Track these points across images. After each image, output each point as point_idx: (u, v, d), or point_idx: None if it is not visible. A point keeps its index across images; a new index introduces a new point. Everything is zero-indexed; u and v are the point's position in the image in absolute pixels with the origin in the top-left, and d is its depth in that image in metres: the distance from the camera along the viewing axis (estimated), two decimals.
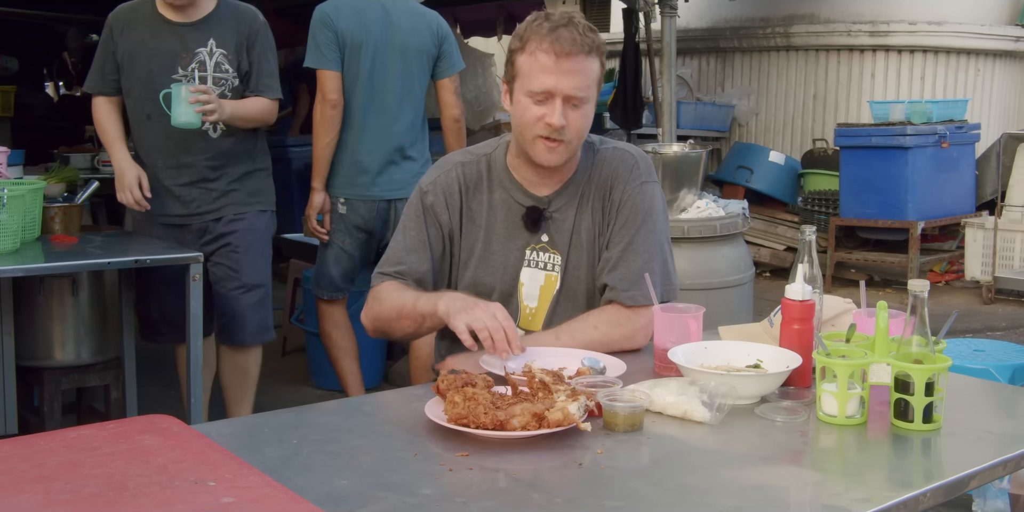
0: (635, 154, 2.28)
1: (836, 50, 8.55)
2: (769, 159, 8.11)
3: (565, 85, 2.06)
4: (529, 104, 2.10)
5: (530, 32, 2.09)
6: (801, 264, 1.94)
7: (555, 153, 2.13)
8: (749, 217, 5.36)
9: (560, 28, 2.06)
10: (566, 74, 2.06)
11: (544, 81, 2.06)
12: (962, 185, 7.21)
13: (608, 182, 2.23)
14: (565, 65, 2.05)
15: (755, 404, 1.81)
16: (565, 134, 2.10)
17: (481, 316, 1.95)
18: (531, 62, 2.07)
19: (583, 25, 2.10)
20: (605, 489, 1.41)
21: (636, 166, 2.25)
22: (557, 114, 2.07)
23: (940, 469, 1.59)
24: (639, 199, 2.21)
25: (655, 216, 2.22)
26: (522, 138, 2.15)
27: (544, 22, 2.08)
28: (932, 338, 1.73)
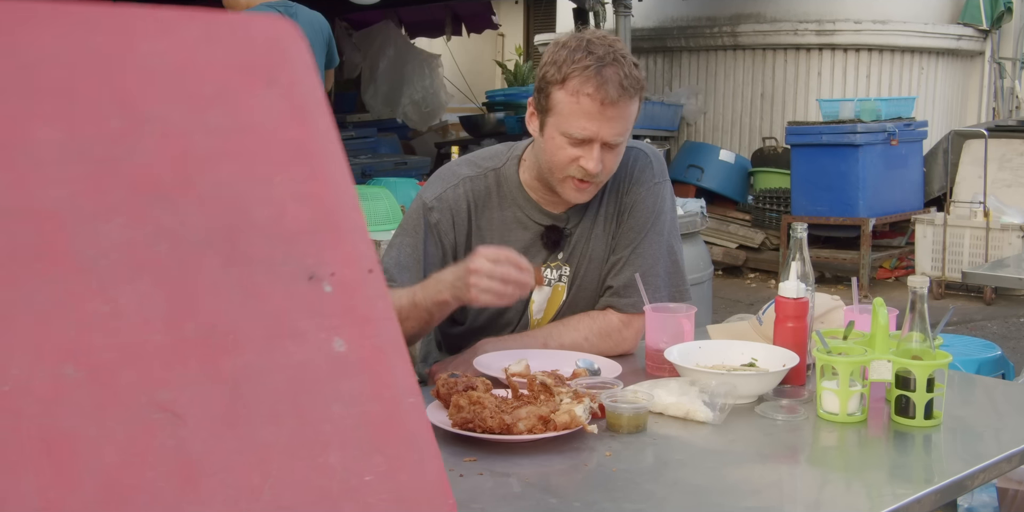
0: (648, 153, 2.19)
1: (783, 49, 8.63)
2: (719, 158, 8.16)
3: (607, 133, 1.94)
4: (564, 144, 1.97)
5: (572, 67, 1.92)
6: (794, 262, 1.94)
7: (584, 193, 2.05)
8: (707, 216, 5.39)
9: (606, 68, 1.91)
10: (609, 121, 1.93)
11: (586, 128, 1.93)
12: (911, 182, 7.32)
13: (622, 184, 2.14)
14: (610, 112, 1.92)
15: (753, 403, 1.80)
16: (598, 176, 2.00)
17: (490, 273, 1.78)
18: (572, 104, 1.93)
19: (628, 62, 1.95)
20: (621, 491, 1.39)
21: (649, 166, 2.16)
22: (595, 161, 1.96)
23: (943, 466, 1.59)
24: (651, 201, 2.13)
25: (663, 217, 2.15)
26: (550, 174, 2.03)
27: (587, 56, 1.92)
28: (930, 333, 1.73)
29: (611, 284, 2.13)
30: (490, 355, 1.96)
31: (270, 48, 0.94)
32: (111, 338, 0.79)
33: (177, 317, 0.83)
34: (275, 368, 0.87)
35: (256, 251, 0.87)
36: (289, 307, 0.88)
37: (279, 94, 0.94)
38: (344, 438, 0.89)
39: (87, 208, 0.80)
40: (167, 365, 0.81)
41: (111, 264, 0.81)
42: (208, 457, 0.82)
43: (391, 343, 0.94)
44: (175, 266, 0.84)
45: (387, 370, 0.92)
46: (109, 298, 0.79)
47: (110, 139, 0.83)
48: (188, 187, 0.86)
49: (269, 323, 0.87)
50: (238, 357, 0.84)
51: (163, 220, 0.84)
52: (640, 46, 9.28)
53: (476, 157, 2.20)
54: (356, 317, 0.92)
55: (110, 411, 0.78)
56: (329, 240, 0.93)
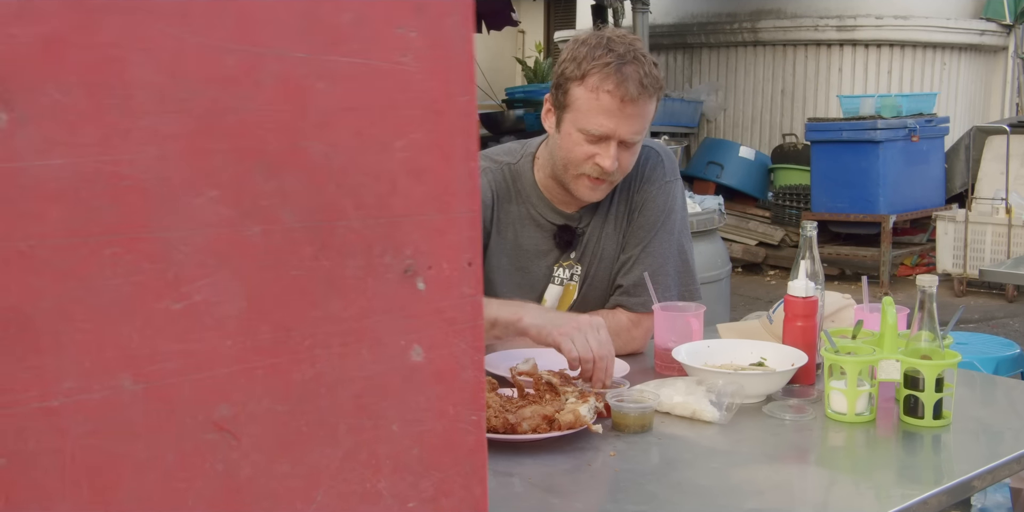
0: (660, 151, 2.19)
1: (803, 45, 8.58)
2: (739, 154, 8.12)
3: (625, 130, 1.94)
4: (581, 140, 1.97)
5: (592, 64, 1.92)
6: (803, 260, 1.92)
7: (597, 191, 2.05)
8: (724, 213, 5.37)
9: (626, 66, 1.91)
10: (628, 118, 1.93)
11: (604, 124, 1.93)
12: (932, 178, 7.26)
13: (633, 183, 2.14)
14: (629, 110, 1.92)
15: (761, 403, 1.79)
16: (613, 174, 2.01)
17: (587, 341, 1.79)
18: (591, 100, 1.93)
19: (648, 62, 1.95)
20: (624, 492, 1.38)
21: (661, 164, 2.15)
22: (611, 159, 1.96)
23: (952, 467, 1.57)
24: (661, 200, 2.13)
25: (674, 216, 2.14)
26: (565, 171, 2.03)
27: (607, 54, 1.92)
28: (940, 333, 1.71)
29: (621, 283, 2.12)
30: (497, 354, 1.96)
31: None
32: (178, 343, 0.70)
33: (254, 319, 0.73)
34: (345, 380, 0.79)
35: (354, 238, 0.78)
36: (375, 307, 0.79)
37: (425, 27, 0.80)
38: (397, 461, 0.83)
39: (177, 177, 0.68)
40: (232, 377, 0.73)
41: (193, 251, 0.70)
42: (255, 483, 0.75)
43: (470, 351, 0.86)
44: (263, 255, 0.73)
45: (458, 384, 0.86)
46: (183, 294, 0.70)
47: (219, 84, 0.70)
48: (296, 153, 0.74)
49: (350, 327, 0.78)
50: (309, 368, 0.77)
51: (262, 196, 0.73)
52: (660, 42, 9.25)
53: (491, 153, 2.21)
54: (442, 320, 0.84)
55: (164, 431, 0.70)
56: (436, 225, 0.83)
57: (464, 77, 0.83)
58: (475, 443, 0.88)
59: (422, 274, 0.82)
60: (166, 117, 0.68)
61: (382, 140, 0.79)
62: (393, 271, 0.80)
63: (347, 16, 0.76)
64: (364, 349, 0.79)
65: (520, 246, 2.13)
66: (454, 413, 0.86)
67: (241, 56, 0.71)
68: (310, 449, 0.78)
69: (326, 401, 0.78)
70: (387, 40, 0.78)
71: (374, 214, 0.79)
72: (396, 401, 0.82)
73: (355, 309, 0.78)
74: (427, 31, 0.80)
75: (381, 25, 0.78)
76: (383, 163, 0.79)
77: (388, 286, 0.80)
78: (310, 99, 0.74)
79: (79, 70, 0.64)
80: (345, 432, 0.79)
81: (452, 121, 0.82)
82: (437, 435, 0.85)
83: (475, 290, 0.86)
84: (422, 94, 0.80)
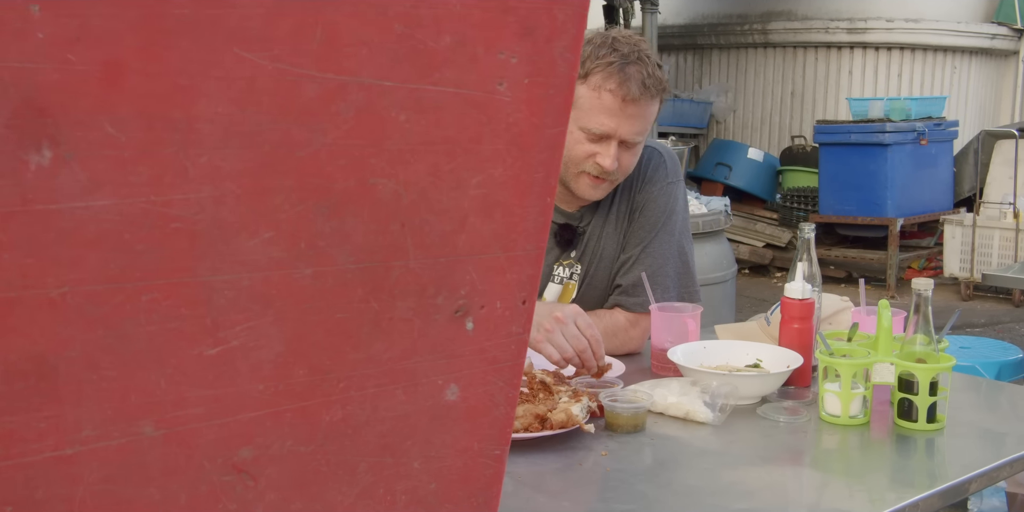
0: (663, 152, 2.19)
1: (814, 47, 8.57)
2: (747, 156, 8.11)
3: (626, 130, 1.95)
4: (582, 139, 1.97)
5: (596, 63, 1.93)
6: (800, 262, 1.92)
7: (598, 190, 2.05)
8: (731, 214, 5.36)
9: (630, 66, 1.92)
10: (629, 118, 1.94)
11: (605, 123, 1.94)
12: (940, 182, 7.24)
13: (635, 183, 2.14)
14: (630, 110, 1.93)
15: (756, 404, 1.78)
16: (613, 174, 2.01)
17: (564, 338, 1.79)
18: (593, 98, 1.93)
19: (652, 63, 1.96)
20: (612, 492, 1.38)
21: (663, 165, 2.15)
22: (611, 158, 1.96)
23: (944, 470, 1.57)
24: (663, 201, 2.13)
25: (675, 217, 2.14)
26: (566, 169, 2.03)
27: (611, 53, 1.93)
28: (936, 336, 1.71)
29: (620, 283, 2.12)
30: None
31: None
32: (207, 389, 0.67)
33: (290, 362, 0.70)
34: (374, 421, 0.76)
35: (409, 279, 0.74)
36: (419, 348, 0.77)
37: (530, 52, 0.74)
38: (413, 496, 0.82)
39: (232, 218, 0.65)
40: (259, 420, 0.70)
41: (237, 295, 0.66)
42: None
43: (506, 389, 0.84)
44: (311, 298, 0.69)
45: (488, 420, 0.83)
46: (220, 339, 0.66)
47: (293, 116, 0.65)
48: (365, 192, 0.70)
49: (389, 368, 0.76)
50: (339, 409, 0.74)
51: (320, 236, 0.69)
52: (670, 43, 9.25)
53: None
54: (485, 360, 0.82)
55: (179, 474, 0.67)
56: (497, 264, 0.79)
57: (560, 108, 0.79)
58: (493, 476, 0.87)
59: (473, 314, 0.79)
60: (229, 153, 0.63)
61: (459, 176, 0.75)
62: (443, 312, 0.77)
63: (447, 40, 0.71)
64: (399, 390, 0.77)
65: None
66: (478, 448, 0.84)
67: (322, 85, 0.66)
68: (327, 488, 0.76)
69: (350, 441, 0.76)
70: (486, 67, 0.73)
71: (434, 254, 0.75)
72: (422, 439, 0.80)
73: (397, 350, 0.76)
74: (531, 57, 0.75)
75: (482, 50, 0.73)
76: (455, 200, 0.75)
77: (435, 327, 0.77)
78: (389, 132, 0.70)
79: (139, 101, 0.59)
80: (365, 471, 0.78)
81: (536, 155, 0.78)
82: (456, 470, 0.84)
83: (523, 328, 0.83)
84: (511, 126, 0.76)
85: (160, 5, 0.61)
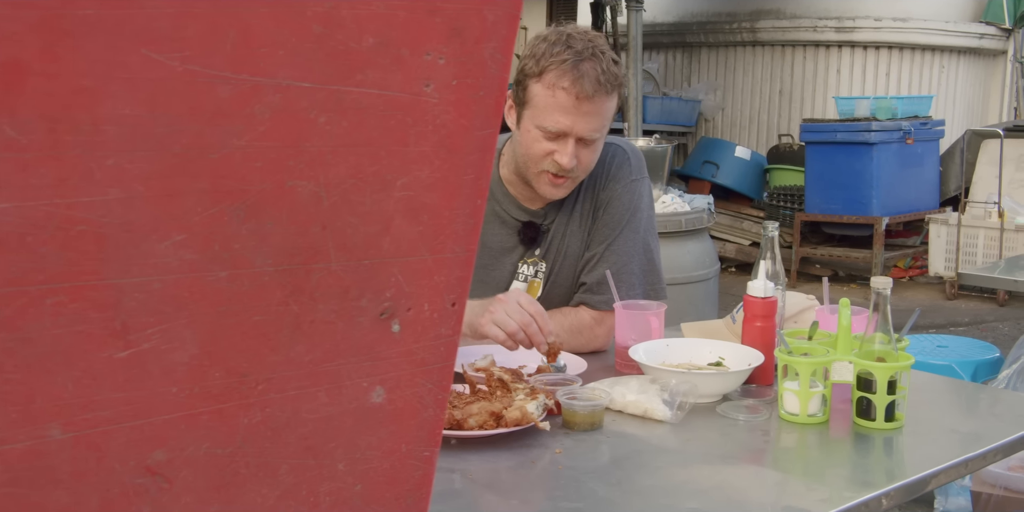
0: (627, 149, 2.18)
1: (802, 46, 8.58)
2: (735, 154, 8.12)
3: (581, 127, 1.94)
4: (540, 137, 1.96)
5: (550, 60, 1.91)
6: (763, 260, 1.92)
7: (560, 188, 2.04)
8: (714, 212, 5.37)
9: (584, 63, 1.90)
10: (585, 116, 1.93)
11: (560, 121, 1.93)
12: (926, 181, 7.26)
13: (599, 181, 2.13)
14: (585, 107, 1.92)
15: (717, 402, 1.79)
16: (573, 171, 2.00)
17: (506, 315, 1.80)
18: (548, 97, 1.93)
19: (607, 58, 1.94)
20: (563, 490, 1.38)
21: (627, 162, 2.14)
22: (568, 156, 1.95)
23: (902, 468, 1.57)
24: (627, 198, 2.12)
25: (639, 214, 2.13)
26: (526, 168, 2.03)
27: (565, 50, 1.91)
28: (895, 335, 1.71)
29: (584, 281, 2.13)
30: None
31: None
32: (118, 392, 0.66)
33: (205, 365, 0.69)
34: (296, 423, 0.76)
35: (331, 282, 0.74)
36: (342, 350, 0.76)
37: (458, 53, 0.74)
38: (337, 497, 0.81)
39: (142, 221, 0.64)
40: (173, 423, 0.69)
41: (147, 298, 0.65)
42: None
43: (436, 390, 0.83)
44: (226, 301, 0.69)
45: (416, 422, 0.83)
46: (131, 342, 0.66)
47: (206, 118, 0.64)
48: (283, 194, 0.70)
49: (310, 371, 0.75)
50: (259, 412, 0.73)
51: (235, 239, 0.68)
52: (659, 41, 9.25)
53: None
54: (412, 362, 0.81)
55: (89, 477, 0.66)
56: (425, 266, 0.79)
57: (491, 109, 0.77)
58: (422, 477, 0.86)
59: (399, 316, 0.79)
60: (137, 155, 0.62)
61: (383, 178, 0.74)
62: (368, 314, 0.77)
63: (369, 41, 0.70)
64: (322, 392, 0.77)
65: (484, 244, 2.13)
66: (406, 450, 0.84)
67: (237, 86, 0.65)
68: (247, 490, 0.76)
69: (271, 443, 0.75)
70: (411, 68, 0.72)
71: (358, 256, 0.75)
72: (346, 441, 0.80)
73: (319, 353, 0.75)
74: (459, 58, 0.74)
75: (407, 51, 0.72)
76: (379, 203, 0.74)
77: (359, 329, 0.77)
78: (308, 134, 0.69)
79: (41, 103, 0.58)
80: (287, 472, 0.77)
81: (464, 158, 0.77)
82: (383, 472, 0.83)
83: (453, 330, 0.82)
84: (438, 128, 0.75)
85: (63, 5, 0.60)
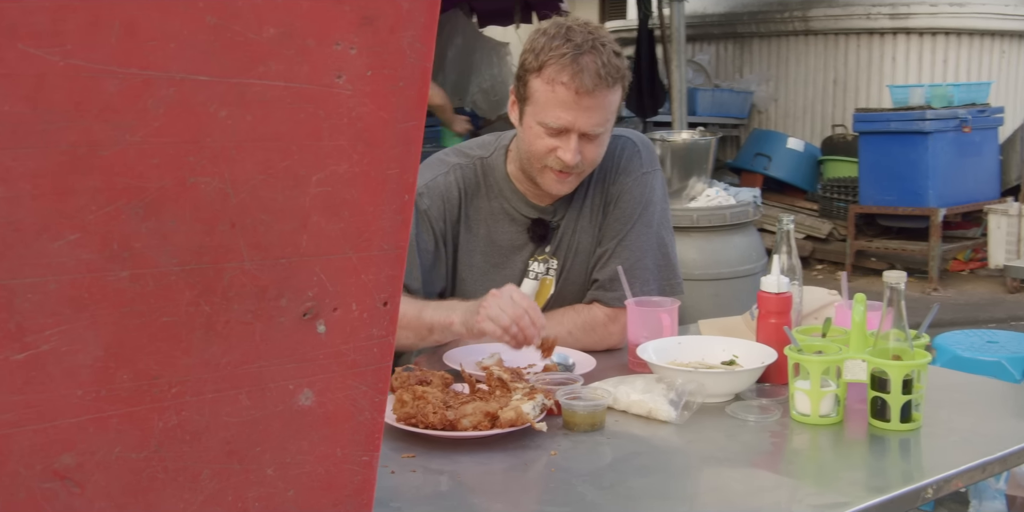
0: (637, 141, 2.12)
1: (856, 34, 8.39)
2: (787, 146, 7.97)
3: (584, 123, 1.88)
4: (542, 133, 1.91)
5: (549, 55, 1.86)
6: (778, 255, 1.86)
7: (565, 184, 1.99)
8: (761, 205, 5.27)
9: (583, 56, 1.85)
10: (585, 111, 1.87)
11: (562, 117, 1.88)
12: (985, 170, 7.04)
13: (608, 174, 2.08)
14: (586, 102, 1.86)
15: (728, 402, 1.73)
16: (578, 167, 1.95)
17: (500, 306, 1.76)
18: (548, 92, 1.88)
19: (608, 50, 1.88)
20: (552, 494, 1.34)
21: (637, 154, 2.09)
22: (571, 152, 1.90)
23: (912, 473, 1.49)
24: (638, 192, 2.06)
25: (652, 208, 2.07)
26: (529, 164, 1.99)
27: (564, 44, 1.86)
28: (912, 333, 1.64)
29: (597, 277, 2.08)
30: (460, 349, 1.92)
31: None
32: (17, 395, 0.65)
33: (111, 367, 0.69)
34: (215, 427, 0.75)
35: (245, 282, 0.73)
36: (263, 352, 0.75)
37: (370, 43, 0.72)
38: (268, 503, 0.79)
39: (31, 220, 0.63)
40: (80, 426, 0.68)
41: (43, 299, 0.64)
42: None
43: (371, 393, 0.82)
44: (130, 302, 0.68)
45: (351, 426, 0.81)
46: (28, 344, 0.65)
47: (94, 114, 0.63)
48: (185, 191, 0.68)
49: (228, 373, 0.74)
50: (175, 414, 0.72)
51: (135, 238, 0.67)
52: (710, 32, 9.12)
53: (464, 147, 2.17)
54: (343, 364, 0.80)
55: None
56: (350, 264, 0.77)
57: (412, 101, 0.76)
58: (362, 482, 0.85)
59: (324, 317, 0.78)
60: (21, 153, 0.61)
61: (296, 174, 0.73)
62: (289, 315, 0.76)
63: (270, 31, 0.68)
64: (242, 395, 0.76)
65: (494, 242, 2.09)
66: (342, 455, 0.82)
67: (125, 81, 0.64)
68: (166, 495, 0.74)
69: (189, 447, 0.74)
70: (319, 59, 0.71)
71: (274, 255, 0.73)
72: (274, 445, 0.78)
73: (237, 354, 0.74)
74: (373, 48, 0.72)
75: (313, 41, 0.70)
76: (293, 199, 0.73)
77: (281, 330, 0.76)
78: (209, 128, 0.68)
79: None
80: (209, 477, 0.76)
81: (387, 151, 0.76)
82: (318, 477, 0.82)
83: (387, 331, 0.81)
84: (354, 121, 0.74)
85: None
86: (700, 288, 4.75)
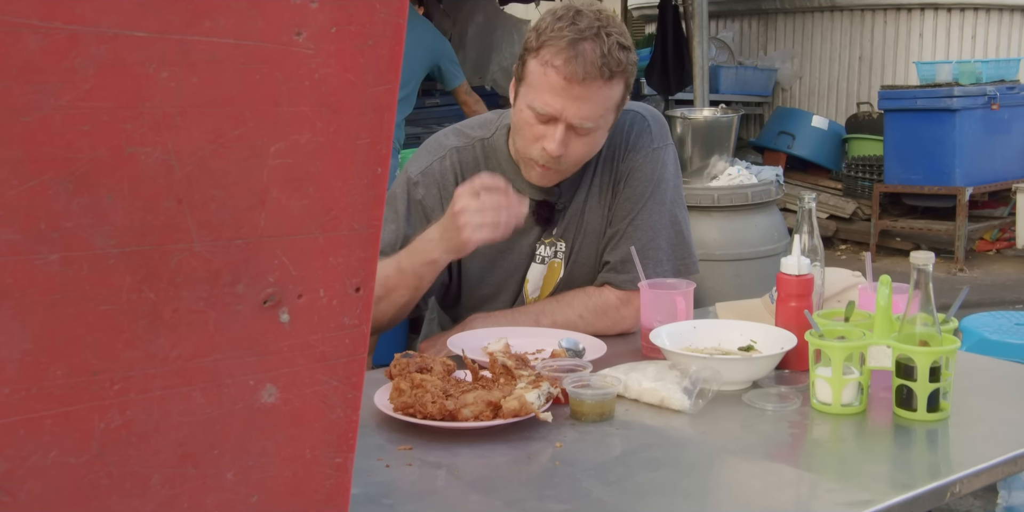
0: (647, 115, 2.01)
1: (883, 10, 8.21)
2: (812, 124, 7.83)
3: (572, 113, 1.77)
4: (531, 119, 1.81)
5: (549, 35, 1.76)
6: (799, 235, 1.78)
7: (545, 178, 1.90)
8: (783, 184, 5.16)
9: (583, 42, 1.74)
10: (575, 100, 1.76)
11: (550, 103, 1.77)
12: (1014, 149, 6.88)
13: (617, 151, 1.98)
14: (576, 91, 1.76)
15: (745, 390, 1.65)
16: (561, 163, 1.84)
17: (475, 208, 1.69)
18: (540, 75, 1.78)
19: (612, 41, 1.76)
20: (554, 489, 1.26)
21: (647, 130, 1.99)
22: (556, 142, 1.79)
23: (940, 466, 1.40)
24: (649, 168, 1.96)
25: (664, 185, 1.98)
26: (515, 150, 1.91)
27: (568, 27, 1.75)
28: (940, 317, 1.55)
29: (608, 259, 1.99)
30: (466, 334, 1.84)
31: None
32: None
33: (42, 363, 0.63)
34: (166, 428, 0.69)
35: (196, 266, 0.66)
36: (217, 344, 0.69)
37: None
38: (230, 510, 0.73)
39: None
40: (10, 428, 0.62)
41: None
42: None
43: (344, 388, 0.75)
44: (61, 288, 0.62)
45: (321, 425, 0.75)
46: None
47: (12, 74, 0.57)
48: (122, 163, 0.61)
49: (179, 367, 0.68)
50: (118, 414, 0.66)
51: (66, 217, 0.61)
52: (734, 9, 8.97)
53: (464, 126, 2.07)
54: (310, 356, 0.73)
55: None
56: (316, 246, 0.71)
57: (386, 61, 0.68)
58: (335, 487, 0.78)
59: (288, 304, 0.71)
60: None
61: (251, 143, 0.65)
62: (247, 302, 0.69)
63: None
64: (196, 392, 0.69)
65: None
66: (312, 457, 0.76)
67: (48, 36, 0.57)
68: (112, 503, 0.68)
69: (136, 450, 0.68)
70: (275, 13, 0.63)
71: (227, 235, 0.66)
72: (233, 447, 0.72)
73: (188, 347, 0.67)
74: (337, 1, 0.65)
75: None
76: (248, 171, 0.66)
77: (238, 320, 0.69)
78: (148, 92, 0.61)
79: None
80: (161, 483, 0.69)
81: (356, 118, 0.68)
82: (285, 481, 0.75)
83: (360, 319, 0.74)
84: (317, 84, 0.66)
85: None
86: (721, 269, 4.66)
